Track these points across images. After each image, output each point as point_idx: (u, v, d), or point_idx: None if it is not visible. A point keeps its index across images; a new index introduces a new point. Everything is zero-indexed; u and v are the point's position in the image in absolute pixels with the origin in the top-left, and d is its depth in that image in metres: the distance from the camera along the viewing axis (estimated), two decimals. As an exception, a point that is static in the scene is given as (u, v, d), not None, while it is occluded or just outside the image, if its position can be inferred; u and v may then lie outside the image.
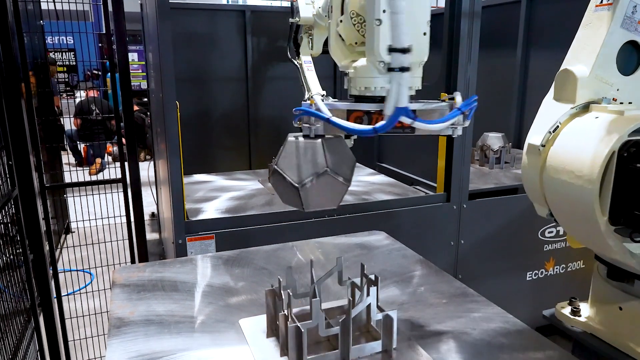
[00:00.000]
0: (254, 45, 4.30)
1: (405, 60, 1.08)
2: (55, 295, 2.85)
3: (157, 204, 5.23)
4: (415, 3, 1.20)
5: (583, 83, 1.35)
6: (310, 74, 1.61)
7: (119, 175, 2.98)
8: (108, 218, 3.20)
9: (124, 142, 2.91)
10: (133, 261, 3.08)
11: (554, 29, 4.02)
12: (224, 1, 12.18)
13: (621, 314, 1.38)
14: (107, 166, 3.54)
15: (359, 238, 2.18)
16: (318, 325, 1.26)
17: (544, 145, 1.35)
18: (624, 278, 1.35)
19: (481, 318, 1.51)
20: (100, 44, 7.37)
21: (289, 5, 1.78)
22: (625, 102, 1.39)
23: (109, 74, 3.11)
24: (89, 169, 7.90)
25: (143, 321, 1.48)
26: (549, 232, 3.36)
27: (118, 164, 3.09)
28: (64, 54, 9.80)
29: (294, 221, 2.69)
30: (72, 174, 3.90)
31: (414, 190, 3.36)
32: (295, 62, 1.72)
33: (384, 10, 1.15)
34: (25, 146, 2.43)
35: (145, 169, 4.48)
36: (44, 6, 4.31)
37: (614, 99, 1.37)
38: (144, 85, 9.33)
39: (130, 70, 2.84)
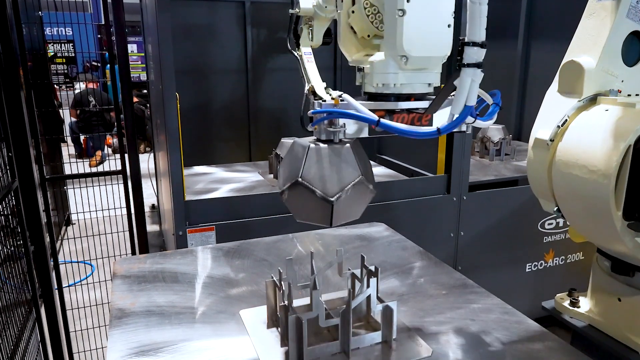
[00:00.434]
0: (253, 37, 4.28)
1: (482, 55, 1.01)
2: (56, 287, 2.86)
3: (157, 196, 5.24)
4: None
5: (590, 75, 1.33)
6: (310, 66, 1.60)
7: (119, 167, 2.98)
8: (108, 210, 3.21)
9: (124, 134, 2.91)
10: (134, 253, 3.08)
11: (556, 20, 4.00)
12: (223, -8, 12.08)
13: (620, 305, 1.39)
14: (107, 158, 3.53)
15: (359, 230, 2.19)
16: (318, 316, 1.27)
17: (552, 140, 1.34)
18: (628, 271, 1.35)
19: (481, 309, 1.52)
20: (99, 35, 7.34)
21: (289, -4, 1.77)
22: (630, 94, 1.38)
23: (109, 65, 3.10)
24: (89, 161, 7.90)
25: (144, 312, 1.48)
26: (549, 224, 3.37)
27: (118, 156, 3.09)
28: (62, 45, 9.76)
29: (294, 213, 2.69)
30: (72, 165, 3.90)
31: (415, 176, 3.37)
32: (295, 54, 1.70)
33: (407, 0, 1.06)
34: (25, 138, 2.42)
35: (145, 161, 4.47)
36: (42, -3, 4.29)
37: (619, 91, 1.36)
38: (143, 76, 9.30)
39: (130, 62, 2.83)
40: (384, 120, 1.11)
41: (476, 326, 1.43)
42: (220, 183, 3.31)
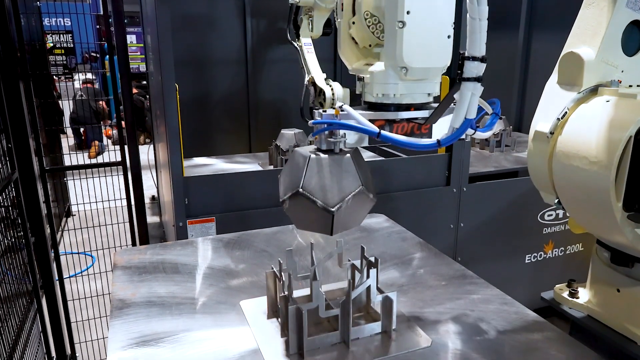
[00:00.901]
0: (253, 27, 4.25)
1: (482, 69, 1.02)
2: (57, 278, 2.87)
3: (158, 187, 5.24)
4: (440, 4, 1.11)
5: (589, 66, 1.32)
6: (310, 57, 1.59)
7: (119, 159, 2.98)
8: (109, 201, 3.21)
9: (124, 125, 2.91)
10: (134, 244, 3.09)
11: (557, 10, 3.98)
12: (222, -18, 12.00)
13: (619, 296, 1.39)
14: (107, 149, 3.52)
15: (359, 221, 2.19)
16: (318, 307, 1.27)
17: (552, 133, 1.34)
18: (627, 263, 1.36)
19: (480, 300, 1.53)
20: (98, 26, 7.31)
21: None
22: (631, 85, 1.37)
23: (108, 56, 3.09)
24: (88, 152, 7.89)
25: (145, 303, 1.49)
26: (549, 215, 3.37)
27: (118, 147, 3.08)
28: (61, 35, 9.72)
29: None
30: (72, 157, 3.89)
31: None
32: (295, 45, 1.70)
33: (407, 12, 1.07)
34: (24, 129, 2.42)
35: (145, 153, 4.47)
36: (40, -13, 4.26)
37: (619, 81, 1.35)
38: (142, 67, 9.26)
39: (129, 53, 2.82)
40: (384, 132, 1.12)
41: (475, 317, 1.44)
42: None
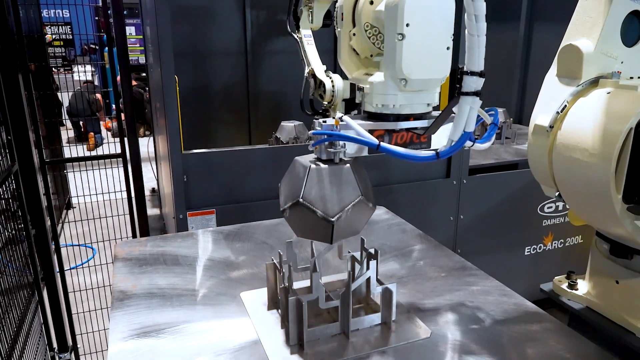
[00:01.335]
0: (253, 19, 4.23)
1: (480, 84, 1.03)
2: (58, 270, 2.88)
3: (158, 180, 5.24)
4: (439, 16, 1.12)
5: (589, 58, 1.31)
6: (310, 48, 1.58)
7: (119, 151, 2.98)
8: (109, 193, 3.21)
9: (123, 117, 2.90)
10: (134, 236, 3.10)
11: (559, 1, 3.95)
12: (222, -27, 11.93)
13: (618, 288, 1.40)
14: (107, 141, 3.52)
15: (358, 213, 2.19)
16: (318, 298, 1.28)
17: (552, 127, 1.33)
18: (627, 254, 1.36)
19: (479, 291, 1.53)
20: (96, 18, 7.27)
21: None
22: (629, 75, 1.37)
23: (107, 48, 3.08)
24: (87, 144, 7.89)
25: (145, 294, 1.49)
26: (548, 208, 3.38)
27: (118, 140, 3.08)
28: (60, 27, 9.67)
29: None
30: (72, 149, 3.89)
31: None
32: (295, 36, 1.69)
33: (407, 24, 1.08)
34: (24, 121, 2.42)
35: (145, 145, 4.47)
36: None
37: (619, 72, 1.34)
38: (142, 59, 9.23)
39: (128, 45, 2.81)
40: (383, 144, 1.13)
41: (474, 308, 1.44)
42: (220, 166, 3.30)
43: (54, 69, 7.85)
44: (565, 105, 1.32)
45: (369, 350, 1.25)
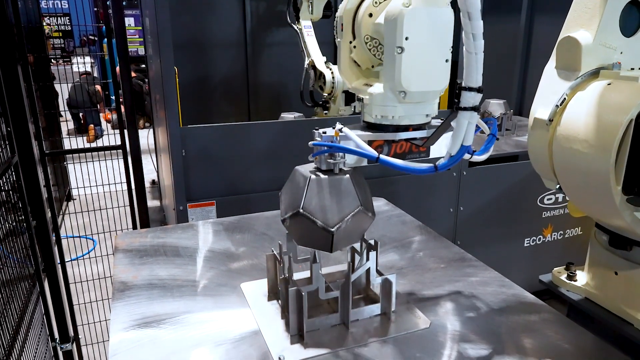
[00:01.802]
0: (252, 10, 4.21)
1: (478, 99, 1.05)
2: (59, 261, 2.88)
3: (158, 172, 5.24)
4: (438, 29, 1.13)
5: (587, 50, 1.30)
6: (310, 39, 1.58)
7: (119, 142, 2.97)
8: (109, 185, 3.22)
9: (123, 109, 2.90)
10: (135, 227, 3.10)
11: (560, -7, 3.93)
12: (221, -36, 11.83)
13: (617, 279, 1.41)
14: (107, 133, 3.52)
15: (358, 204, 2.19)
16: (318, 289, 1.28)
17: (551, 120, 1.33)
18: (626, 246, 1.36)
19: (478, 282, 1.54)
20: (95, 8, 7.24)
21: (289, -33, 1.73)
22: (628, 65, 1.36)
23: (106, 39, 3.06)
24: (87, 136, 7.88)
25: (146, 285, 1.50)
26: (548, 199, 3.38)
27: (118, 131, 3.08)
28: (58, 18, 9.62)
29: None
30: (72, 141, 3.89)
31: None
32: (295, 27, 1.69)
33: (406, 38, 1.09)
34: (23, 112, 2.41)
35: (145, 137, 4.46)
36: (37, -32, 4.20)
37: (618, 63, 1.34)
38: (141, 51, 9.19)
39: (127, 36, 2.79)
40: (383, 156, 1.15)
41: (474, 298, 1.45)
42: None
43: (52, 61, 7.83)
44: (565, 99, 1.31)
45: (369, 340, 1.26)
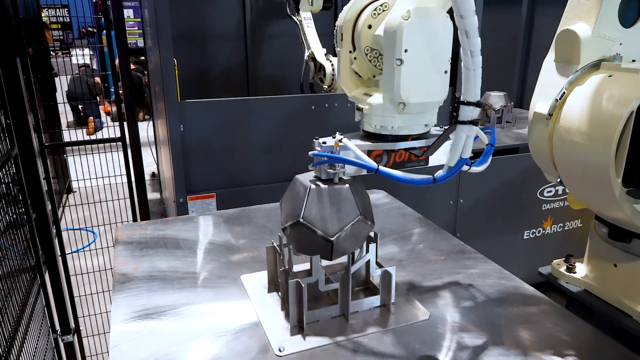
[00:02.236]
0: (252, 1, 4.19)
1: (477, 113, 1.06)
2: (59, 254, 2.89)
3: (158, 164, 5.24)
4: (437, 41, 1.13)
5: (586, 43, 1.30)
6: (310, 31, 1.58)
7: (119, 135, 2.97)
8: (109, 177, 3.22)
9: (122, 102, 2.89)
10: (135, 219, 3.11)
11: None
12: (220, -45, 11.75)
13: (616, 271, 1.41)
14: (106, 126, 3.51)
15: (358, 197, 2.19)
16: (318, 281, 1.29)
17: (551, 114, 1.33)
18: (625, 238, 1.37)
19: (478, 274, 1.54)
20: (94, 0, 7.19)
21: (288, -42, 1.72)
22: (629, 57, 1.35)
23: (105, 31, 3.05)
24: (87, 128, 7.87)
25: (146, 277, 1.51)
26: (548, 192, 3.38)
27: (117, 124, 3.07)
28: (57, 10, 9.57)
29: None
30: (71, 133, 3.88)
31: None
32: (295, 19, 1.68)
33: (405, 50, 1.10)
34: (22, 104, 2.41)
35: (145, 129, 4.45)
36: (35, -41, 4.17)
37: (618, 54, 1.33)
38: (140, 42, 9.15)
39: (126, 28, 2.78)
40: (382, 168, 1.15)
41: (473, 290, 1.45)
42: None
43: (51, 53, 7.79)
44: (564, 92, 1.31)
45: (368, 332, 1.26)
